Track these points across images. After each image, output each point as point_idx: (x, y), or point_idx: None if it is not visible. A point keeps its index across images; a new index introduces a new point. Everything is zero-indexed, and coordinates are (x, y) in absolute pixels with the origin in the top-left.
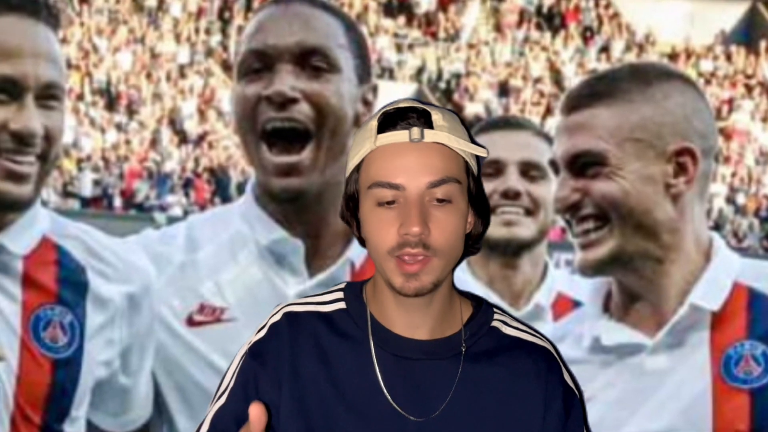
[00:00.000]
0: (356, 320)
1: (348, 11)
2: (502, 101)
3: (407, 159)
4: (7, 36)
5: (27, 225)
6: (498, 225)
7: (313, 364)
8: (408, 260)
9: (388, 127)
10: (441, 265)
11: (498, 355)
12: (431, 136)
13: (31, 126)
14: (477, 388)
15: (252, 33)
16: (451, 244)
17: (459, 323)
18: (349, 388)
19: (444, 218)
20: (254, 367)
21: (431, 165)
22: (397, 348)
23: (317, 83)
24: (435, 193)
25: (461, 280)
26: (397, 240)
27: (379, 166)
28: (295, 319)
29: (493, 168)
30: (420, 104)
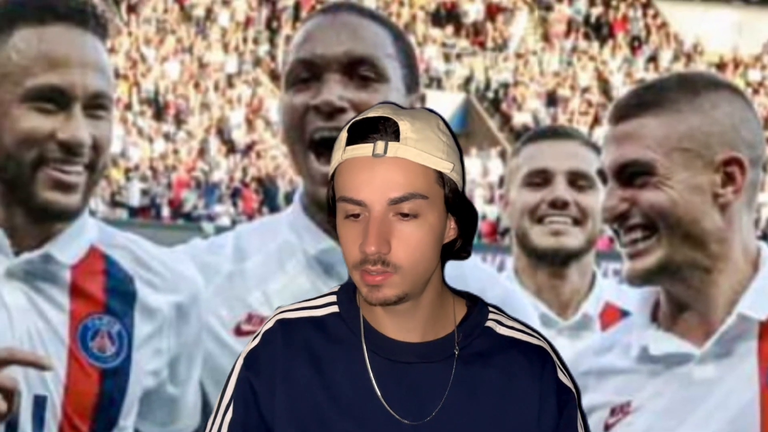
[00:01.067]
0: (349, 324)
1: (396, 21)
2: (550, 111)
3: (370, 175)
4: (55, 45)
5: (75, 235)
6: (546, 234)
7: (306, 371)
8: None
9: (356, 138)
10: (404, 281)
11: (492, 356)
12: (394, 151)
13: (79, 136)
14: (471, 389)
15: (300, 42)
16: (415, 259)
17: (452, 324)
18: (343, 394)
19: (409, 233)
20: (249, 376)
21: (394, 181)
22: (390, 352)
23: (365, 93)
24: (399, 209)
25: (510, 289)
26: (359, 256)
27: (345, 179)
28: (288, 326)
29: (541, 178)
30: (392, 113)
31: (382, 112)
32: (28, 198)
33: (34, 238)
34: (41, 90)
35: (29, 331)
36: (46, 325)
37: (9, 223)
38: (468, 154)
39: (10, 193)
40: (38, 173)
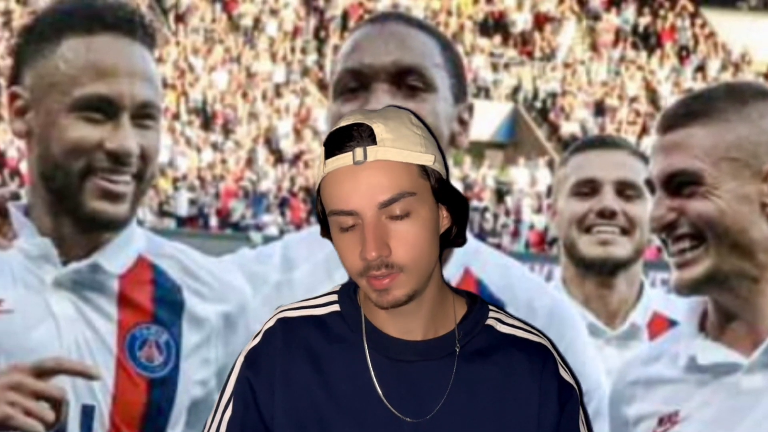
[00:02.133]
0: (350, 323)
1: (444, 30)
2: (598, 120)
3: (354, 183)
4: (103, 55)
5: (123, 244)
6: (594, 244)
7: (306, 370)
8: (378, 277)
9: (333, 150)
10: (411, 278)
11: (493, 354)
12: (374, 155)
13: (127, 145)
14: (472, 387)
15: (348, 52)
16: (417, 256)
17: (452, 322)
18: (344, 393)
19: (405, 231)
20: (249, 376)
21: (379, 185)
22: (391, 350)
23: (413, 102)
24: (390, 211)
25: (558, 299)
26: (361, 264)
27: (331, 193)
28: (289, 325)
29: (588, 187)
30: (363, 118)
31: (354, 119)
32: (76, 208)
33: (82, 247)
34: (89, 99)
35: (77, 340)
36: (94, 334)
37: (57, 233)
38: (516, 164)
39: (58, 202)
40: (86, 183)
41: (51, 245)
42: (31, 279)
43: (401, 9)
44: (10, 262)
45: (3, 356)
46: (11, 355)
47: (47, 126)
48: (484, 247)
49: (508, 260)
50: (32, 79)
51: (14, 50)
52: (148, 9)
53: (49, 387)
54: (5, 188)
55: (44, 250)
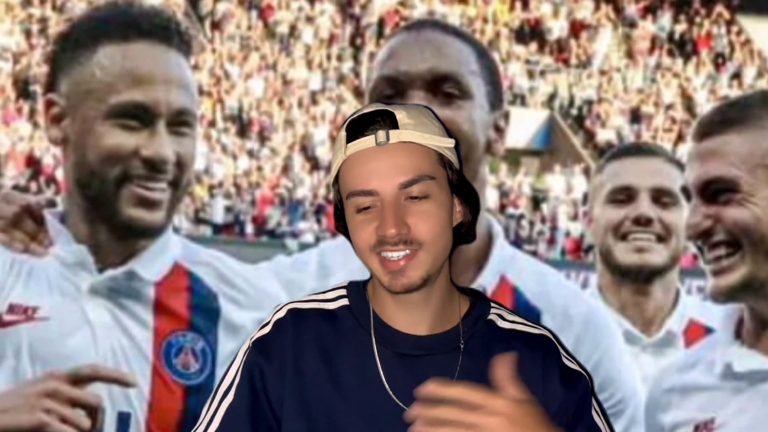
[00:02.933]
0: (359, 317)
1: (480, 37)
2: (633, 128)
3: (376, 163)
4: (139, 62)
5: (159, 251)
6: (630, 251)
7: (316, 362)
8: (392, 257)
9: (356, 134)
10: (428, 258)
11: (495, 348)
12: (396, 137)
13: (163, 152)
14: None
15: (384, 59)
16: (436, 233)
17: (457, 318)
18: (352, 386)
19: (424, 211)
20: (260, 362)
21: (401, 165)
22: (398, 345)
23: (449, 110)
24: (410, 192)
25: (594, 306)
26: (375, 238)
27: (352, 175)
28: (300, 316)
29: (624, 194)
30: (384, 106)
31: (375, 107)
32: (112, 215)
33: (118, 254)
34: (125, 107)
35: (113, 347)
36: (130, 341)
37: (93, 240)
38: (552, 171)
39: (94, 210)
40: (122, 190)
41: (87, 252)
42: (67, 286)
43: (437, 16)
44: (46, 269)
45: (39, 363)
46: (47, 362)
47: (83, 133)
48: (520, 255)
49: (544, 267)
50: (68, 87)
51: (50, 57)
52: (184, 16)
53: (85, 394)
54: (41, 195)
55: (80, 257)
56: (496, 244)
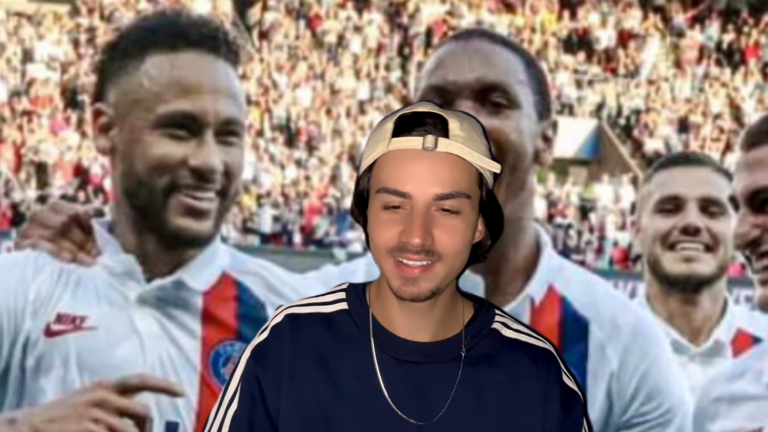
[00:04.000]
0: (357, 322)
1: (528, 47)
2: (681, 137)
3: (417, 167)
4: (187, 72)
5: (207, 261)
6: (678, 261)
7: (313, 368)
8: (409, 264)
9: (403, 131)
10: (444, 271)
11: (498, 357)
12: (445, 146)
13: (211, 162)
14: (477, 390)
15: (432, 69)
16: (457, 249)
17: (460, 325)
18: (350, 392)
19: (452, 225)
20: (257, 370)
21: (441, 176)
22: (398, 351)
23: (497, 119)
24: (442, 205)
25: (642, 316)
26: (396, 241)
27: (389, 171)
28: (297, 321)
29: (672, 204)
30: (439, 110)
31: (429, 108)
32: (160, 224)
33: (165, 264)
34: (173, 116)
35: (161, 357)
36: (178, 351)
37: (141, 250)
38: (599, 181)
39: (142, 219)
40: (170, 200)
41: (135, 262)
42: (115, 296)
43: (485, 26)
44: (94, 279)
45: (87, 373)
46: (95, 372)
47: (131, 143)
48: (567, 264)
49: (592, 277)
50: (116, 96)
51: (98, 67)
52: (232, 26)
53: (133, 404)
54: (89, 205)
55: (128, 266)
56: (544, 254)
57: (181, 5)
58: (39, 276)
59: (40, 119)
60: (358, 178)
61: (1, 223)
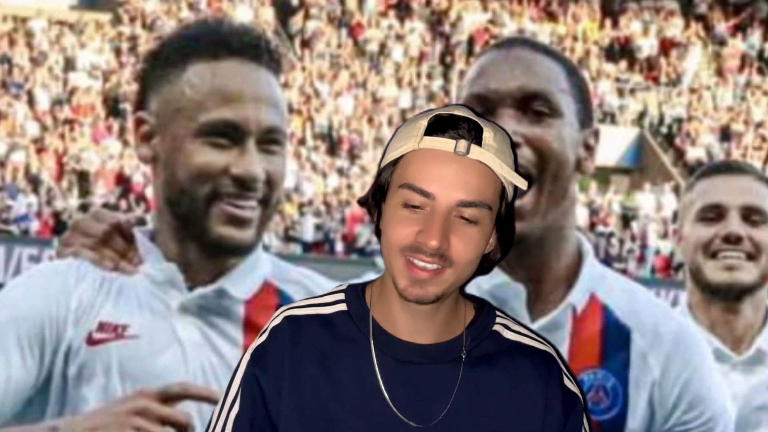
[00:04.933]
0: (357, 323)
1: (570, 56)
2: (723, 146)
3: (446, 170)
4: (229, 80)
5: (249, 270)
6: (719, 269)
7: (314, 369)
8: (419, 265)
9: (436, 131)
10: (452, 278)
11: (499, 359)
12: (476, 154)
13: (253, 171)
14: (478, 392)
15: (474, 77)
16: (469, 259)
17: (461, 327)
18: (350, 394)
19: (467, 234)
20: (256, 373)
21: (468, 183)
22: (398, 352)
23: (539, 128)
24: (463, 212)
25: (683, 324)
26: (412, 241)
27: (416, 168)
28: (296, 323)
29: (714, 212)
30: (475, 117)
31: (465, 113)
32: (201, 233)
33: (207, 273)
34: (215, 125)
35: (203, 365)
36: (220, 359)
37: (183, 258)
38: (641, 189)
39: (183, 228)
40: (212, 208)
41: (177, 270)
42: (156, 304)
43: (527, 34)
44: (135, 287)
45: (129, 381)
46: (137, 380)
47: (173, 151)
48: (609, 273)
49: (634, 285)
50: (158, 105)
51: (140, 75)
52: (273, 34)
53: (175, 412)
54: (131, 214)
55: (170, 275)
56: (586, 263)
57: (223, 14)
58: (81, 284)
59: (82, 128)
60: (380, 169)
61: (43, 231)
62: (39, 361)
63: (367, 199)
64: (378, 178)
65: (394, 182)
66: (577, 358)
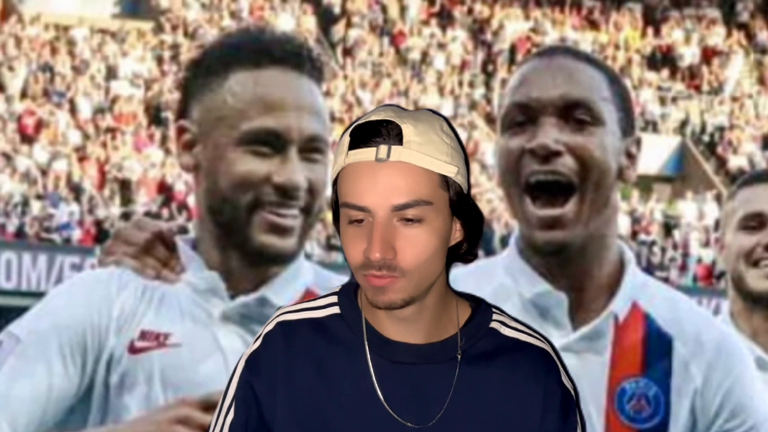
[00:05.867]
0: (351, 326)
1: (612, 64)
2: (766, 154)
3: (372, 180)
4: (271, 89)
5: (291, 278)
6: (762, 278)
7: (308, 373)
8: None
9: (358, 143)
10: (410, 285)
11: (496, 357)
12: (397, 155)
13: (295, 179)
14: (475, 391)
15: (516, 86)
16: (421, 263)
17: (455, 326)
18: (345, 396)
19: (413, 237)
20: (251, 379)
21: (397, 186)
22: (392, 353)
23: (581, 136)
24: (403, 215)
25: (726, 332)
26: (362, 260)
27: (347, 185)
28: (289, 328)
29: (756, 221)
30: (394, 115)
31: (384, 115)
32: (243, 241)
33: (249, 281)
34: (257, 133)
35: None
36: None
37: (225, 267)
38: (683, 198)
39: (225, 236)
40: (254, 216)
41: (219, 279)
42: (198, 313)
43: (569, 43)
44: (177, 295)
45: (171, 390)
46: (179, 388)
47: (215, 160)
48: (651, 281)
49: (676, 294)
50: (200, 113)
51: (182, 84)
52: (315, 43)
53: None
54: (173, 222)
55: (212, 283)
56: (628, 271)
57: (264, 22)
58: (123, 293)
59: (123, 136)
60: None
61: (85, 239)
62: (81, 369)
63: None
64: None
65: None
66: (619, 366)
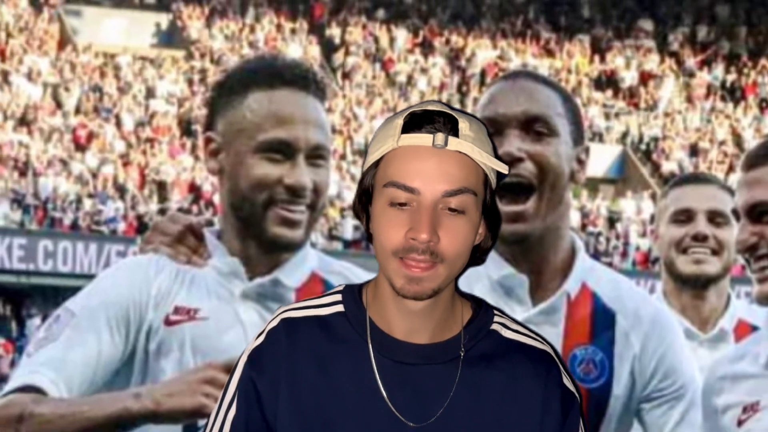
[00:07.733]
0: (354, 324)
1: (565, 85)
2: (692, 160)
3: (427, 164)
4: (282, 106)
5: (299, 263)
6: (689, 263)
7: (311, 371)
8: (413, 263)
9: (413, 128)
10: (445, 273)
11: (497, 358)
12: (455, 145)
13: (302, 181)
14: (476, 391)
15: (485, 103)
16: (459, 252)
17: (459, 326)
18: (348, 394)
19: (455, 227)
20: (252, 376)
21: (450, 173)
22: (395, 353)
23: (539, 145)
24: (449, 202)
25: (659, 308)
26: (403, 243)
27: (397, 166)
28: (292, 325)
29: (685, 216)
30: (449, 109)
31: (439, 107)
32: (260, 233)
33: (264, 265)
34: (271, 143)
35: None
36: None
37: (244, 254)
38: (624, 196)
39: (245, 228)
40: (268, 212)
41: (239, 264)
42: (222, 292)
43: (529, 68)
44: (205, 277)
45: (199, 356)
46: (206, 354)
47: (236, 165)
48: (598, 265)
49: (618, 276)
50: (223, 126)
51: (209, 102)
52: (319, 67)
53: None
54: (201, 216)
55: (234, 267)
56: (578, 257)
57: (277, 50)
58: (160, 275)
59: (160, 145)
60: (363, 173)
61: (129, 231)
62: (125, 338)
63: (355, 206)
64: (362, 181)
65: (377, 183)
66: (571, 336)
